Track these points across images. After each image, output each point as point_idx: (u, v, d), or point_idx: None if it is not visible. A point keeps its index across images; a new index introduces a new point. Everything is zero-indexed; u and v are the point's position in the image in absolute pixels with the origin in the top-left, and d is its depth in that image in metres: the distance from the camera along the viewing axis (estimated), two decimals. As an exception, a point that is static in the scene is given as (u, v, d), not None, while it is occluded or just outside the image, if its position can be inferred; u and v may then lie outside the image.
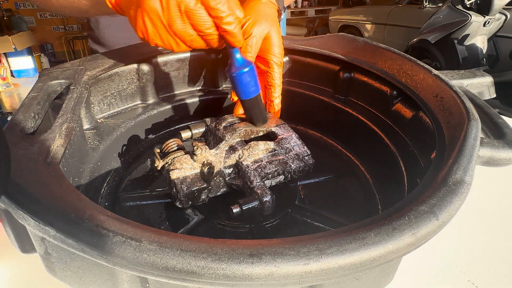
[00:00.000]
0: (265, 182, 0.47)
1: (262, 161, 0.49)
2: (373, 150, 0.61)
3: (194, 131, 0.58)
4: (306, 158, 0.51)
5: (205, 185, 0.47)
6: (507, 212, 0.77)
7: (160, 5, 0.40)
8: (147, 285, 0.32)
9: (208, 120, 0.59)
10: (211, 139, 0.57)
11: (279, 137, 0.53)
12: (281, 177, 0.50)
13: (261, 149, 0.50)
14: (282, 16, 0.60)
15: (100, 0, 0.48)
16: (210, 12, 0.41)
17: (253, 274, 0.25)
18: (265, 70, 0.57)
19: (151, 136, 0.68)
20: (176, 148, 0.51)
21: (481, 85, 0.59)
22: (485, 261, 0.64)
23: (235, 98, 0.60)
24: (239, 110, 0.58)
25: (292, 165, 0.49)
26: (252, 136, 0.55)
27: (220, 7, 0.40)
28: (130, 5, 0.42)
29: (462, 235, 0.69)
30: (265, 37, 0.55)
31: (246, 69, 0.48)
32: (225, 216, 0.50)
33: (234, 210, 0.43)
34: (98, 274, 0.32)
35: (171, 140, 0.52)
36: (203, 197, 0.48)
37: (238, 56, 0.48)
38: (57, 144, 0.38)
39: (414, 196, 0.32)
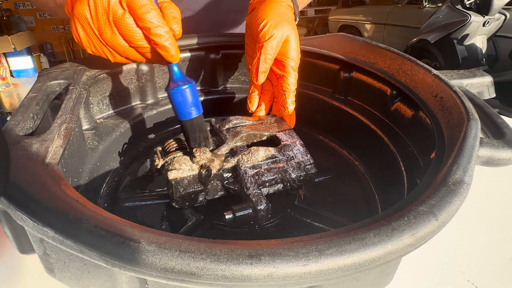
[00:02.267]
0: (262, 189, 0.47)
1: (261, 168, 0.48)
2: (373, 150, 0.61)
3: None
4: (308, 167, 0.50)
5: (201, 188, 0.47)
6: (507, 212, 0.77)
7: (89, 12, 0.38)
8: (146, 286, 0.32)
9: (212, 120, 0.58)
10: (214, 140, 0.57)
11: (282, 143, 0.52)
12: (280, 186, 0.49)
13: (261, 156, 0.49)
14: (296, 22, 0.59)
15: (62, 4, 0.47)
16: (138, 22, 0.39)
17: (252, 275, 0.24)
18: (281, 74, 0.56)
19: (150, 136, 0.68)
20: (176, 148, 0.51)
21: (480, 85, 0.59)
22: (485, 261, 0.64)
23: (252, 109, 0.60)
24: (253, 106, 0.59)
25: (292, 174, 0.48)
26: (255, 141, 0.54)
27: (147, 17, 0.38)
28: (68, 11, 0.41)
29: (462, 235, 0.69)
30: (284, 40, 0.53)
31: (185, 87, 0.44)
32: (222, 218, 0.50)
33: (227, 217, 0.43)
34: (97, 275, 0.32)
35: (173, 139, 0.52)
36: (200, 199, 0.48)
37: (176, 70, 0.45)
38: (56, 144, 0.38)
39: (414, 196, 0.32)
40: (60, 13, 0.56)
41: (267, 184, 0.47)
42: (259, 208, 0.43)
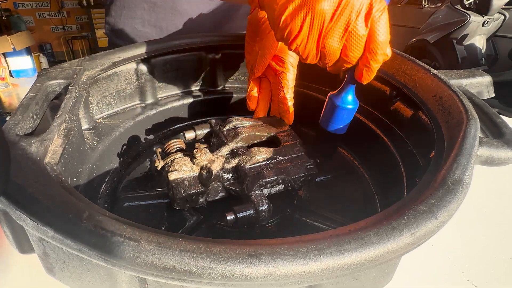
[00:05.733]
0: (263, 190, 0.47)
1: (262, 168, 0.48)
2: (372, 149, 0.61)
3: (198, 132, 0.57)
4: (309, 167, 0.50)
5: (202, 189, 0.47)
6: (506, 212, 0.77)
7: (331, 14, 0.36)
8: (146, 285, 0.32)
9: (213, 121, 0.58)
10: (215, 141, 0.56)
11: (283, 143, 0.52)
12: (281, 186, 0.49)
13: (262, 156, 0.49)
14: None
15: None
16: (371, 43, 0.38)
17: (252, 274, 0.25)
18: (280, 70, 0.56)
19: (150, 136, 0.68)
20: (177, 149, 0.51)
21: (480, 84, 0.59)
22: (485, 260, 0.64)
23: (253, 107, 0.60)
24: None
25: (293, 175, 0.48)
26: (255, 141, 0.54)
27: (384, 43, 0.38)
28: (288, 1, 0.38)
29: (462, 234, 0.69)
30: None
31: (351, 107, 0.47)
32: (223, 219, 0.50)
33: (228, 218, 0.43)
34: (96, 275, 0.32)
35: (174, 140, 0.52)
36: (200, 200, 0.48)
37: (352, 91, 0.47)
38: (55, 144, 0.38)
39: (413, 196, 0.32)
40: None
41: (268, 185, 0.47)
42: (260, 209, 0.43)
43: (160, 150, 0.51)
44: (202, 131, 0.58)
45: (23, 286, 0.57)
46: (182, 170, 0.47)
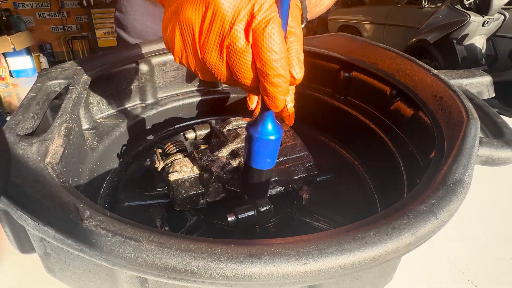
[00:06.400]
0: None
1: None
2: (373, 149, 0.61)
3: (198, 133, 0.57)
4: (310, 168, 0.50)
5: (203, 190, 0.47)
6: (506, 211, 0.77)
7: (199, 25, 0.30)
8: (147, 285, 0.32)
9: (213, 121, 0.58)
10: (215, 141, 0.56)
11: (283, 144, 0.52)
12: (282, 187, 0.49)
13: None
14: (303, 25, 0.57)
15: None
16: (258, 63, 0.31)
17: (253, 274, 0.25)
18: None
19: (150, 136, 0.68)
20: (177, 150, 0.51)
21: (480, 84, 0.59)
22: (485, 260, 0.64)
23: (252, 106, 0.59)
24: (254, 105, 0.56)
25: (294, 175, 0.48)
26: None
27: (274, 64, 0.30)
28: (167, 5, 0.33)
29: (462, 234, 0.69)
30: None
31: (272, 137, 0.39)
32: (224, 219, 0.50)
33: (229, 219, 0.43)
34: (97, 274, 0.32)
35: (174, 141, 0.52)
36: (201, 201, 0.48)
37: (270, 120, 0.39)
38: (56, 144, 0.38)
39: (414, 196, 0.32)
40: None
41: (270, 186, 0.47)
42: (261, 209, 0.43)
43: (160, 151, 0.51)
44: (202, 132, 0.58)
45: (23, 286, 0.57)
46: (183, 171, 0.47)
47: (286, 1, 0.31)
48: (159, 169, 0.48)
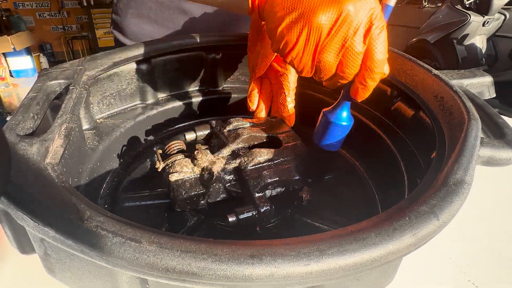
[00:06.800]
0: (265, 191, 0.47)
1: (264, 169, 0.47)
2: (373, 150, 0.61)
3: (199, 133, 0.57)
4: (310, 168, 0.50)
5: (203, 191, 0.47)
6: (508, 212, 0.77)
7: (329, 28, 0.35)
8: (147, 286, 0.32)
9: (213, 122, 0.58)
10: (216, 142, 0.56)
11: (284, 144, 0.52)
12: (282, 187, 0.49)
13: (264, 157, 0.49)
14: None
15: None
16: (367, 61, 0.37)
17: (254, 275, 0.24)
18: (282, 71, 0.56)
19: (150, 136, 0.68)
20: (177, 150, 0.51)
21: (481, 84, 0.59)
22: (486, 261, 0.64)
23: (253, 108, 0.60)
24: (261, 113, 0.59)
25: (294, 176, 0.48)
26: (256, 142, 0.54)
27: (381, 62, 0.37)
28: (286, 12, 0.37)
29: (463, 235, 0.69)
30: None
31: (345, 123, 0.46)
32: (224, 219, 0.50)
33: (230, 219, 0.43)
34: (97, 275, 0.32)
35: (174, 142, 0.51)
36: (201, 202, 0.48)
37: (347, 109, 0.46)
38: (56, 144, 0.38)
39: (415, 196, 0.32)
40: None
41: (270, 186, 0.47)
42: (262, 210, 0.43)
43: (160, 151, 0.51)
44: (203, 132, 0.58)
45: (23, 287, 0.57)
46: (183, 171, 0.47)
47: (389, 9, 0.39)
48: (159, 170, 0.48)
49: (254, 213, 0.43)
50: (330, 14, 0.35)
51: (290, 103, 0.57)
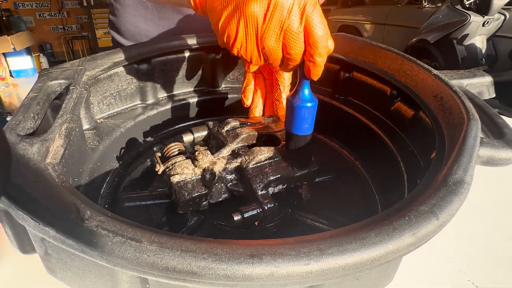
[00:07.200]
0: (268, 189, 0.47)
1: (265, 167, 0.48)
2: (373, 150, 0.61)
3: (196, 135, 0.57)
4: (310, 164, 0.50)
5: (206, 191, 0.47)
6: (507, 212, 0.77)
7: (263, 15, 0.37)
8: (148, 285, 0.32)
9: (210, 123, 0.58)
10: (214, 143, 0.56)
11: (283, 142, 0.52)
12: (284, 185, 0.49)
13: (265, 155, 0.49)
14: None
15: None
16: (309, 38, 0.38)
17: (254, 274, 0.25)
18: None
19: (150, 136, 0.68)
20: (177, 152, 0.51)
21: (480, 85, 0.59)
22: (485, 260, 0.64)
23: (247, 103, 0.60)
24: (256, 113, 0.59)
25: (295, 172, 0.49)
26: (255, 141, 0.54)
27: (322, 37, 0.38)
28: (223, 6, 0.39)
29: (462, 235, 0.69)
30: None
31: (310, 104, 0.46)
32: (226, 219, 0.50)
33: (235, 218, 0.43)
34: (98, 275, 0.32)
35: (173, 144, 0.51)
36: (204, 202, 0.48)
37: (307, 88, 0.46)
38: (56, 144, 0.38)
39: (414, 196, 0.32)
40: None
41: (273, 183, 0.47)
42: (267, 207, 0.44)
43: (159, 154, 0.51)
44: (201, 134, 0.58)
45: (24, 286, 0.57)
46: (184, 173, 0.47)
47: None
48: (159, 173, 0.48)
49: (259, 211, 0.44)
50: (261, 1, 0.37)
51: (285, 99, 0.57)
